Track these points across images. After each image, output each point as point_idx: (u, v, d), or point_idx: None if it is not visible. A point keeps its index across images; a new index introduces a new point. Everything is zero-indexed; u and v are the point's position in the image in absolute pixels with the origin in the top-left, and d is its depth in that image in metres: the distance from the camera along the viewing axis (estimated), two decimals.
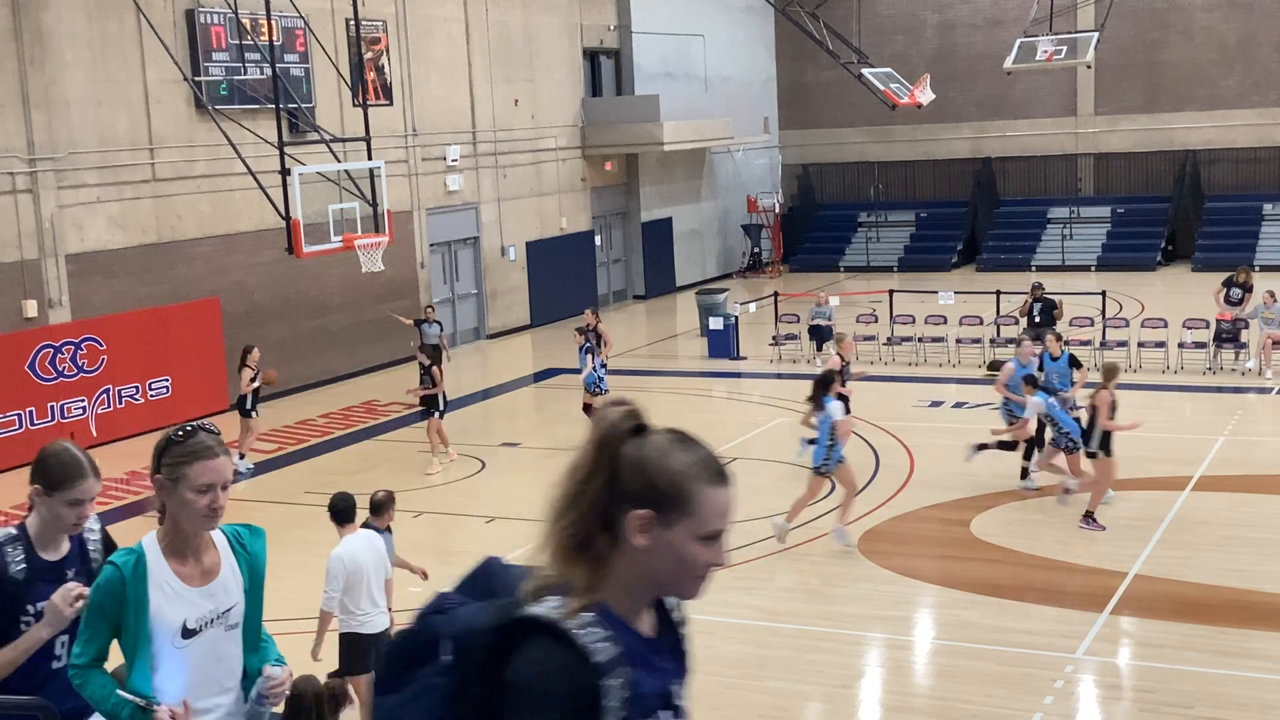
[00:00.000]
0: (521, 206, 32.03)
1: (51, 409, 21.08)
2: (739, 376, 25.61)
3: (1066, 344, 18.49)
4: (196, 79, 23.03)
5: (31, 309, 21.05)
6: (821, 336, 25.85)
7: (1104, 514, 15.82)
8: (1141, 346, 23.87)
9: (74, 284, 21.69)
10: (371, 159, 22.25)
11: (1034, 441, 16.70)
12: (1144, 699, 10.84)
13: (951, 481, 17.29)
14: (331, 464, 19.94)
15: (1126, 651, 12.02)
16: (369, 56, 26.97)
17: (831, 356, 23.07)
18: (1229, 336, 23.60)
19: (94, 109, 21.95)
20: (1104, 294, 26.95)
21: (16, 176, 20.84)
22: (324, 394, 25.33)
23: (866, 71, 32.01)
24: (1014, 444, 16.82)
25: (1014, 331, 25.21)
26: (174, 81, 22.73)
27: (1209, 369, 23.35)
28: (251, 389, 19.52)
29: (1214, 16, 38.50)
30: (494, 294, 31.36)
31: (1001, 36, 38.17)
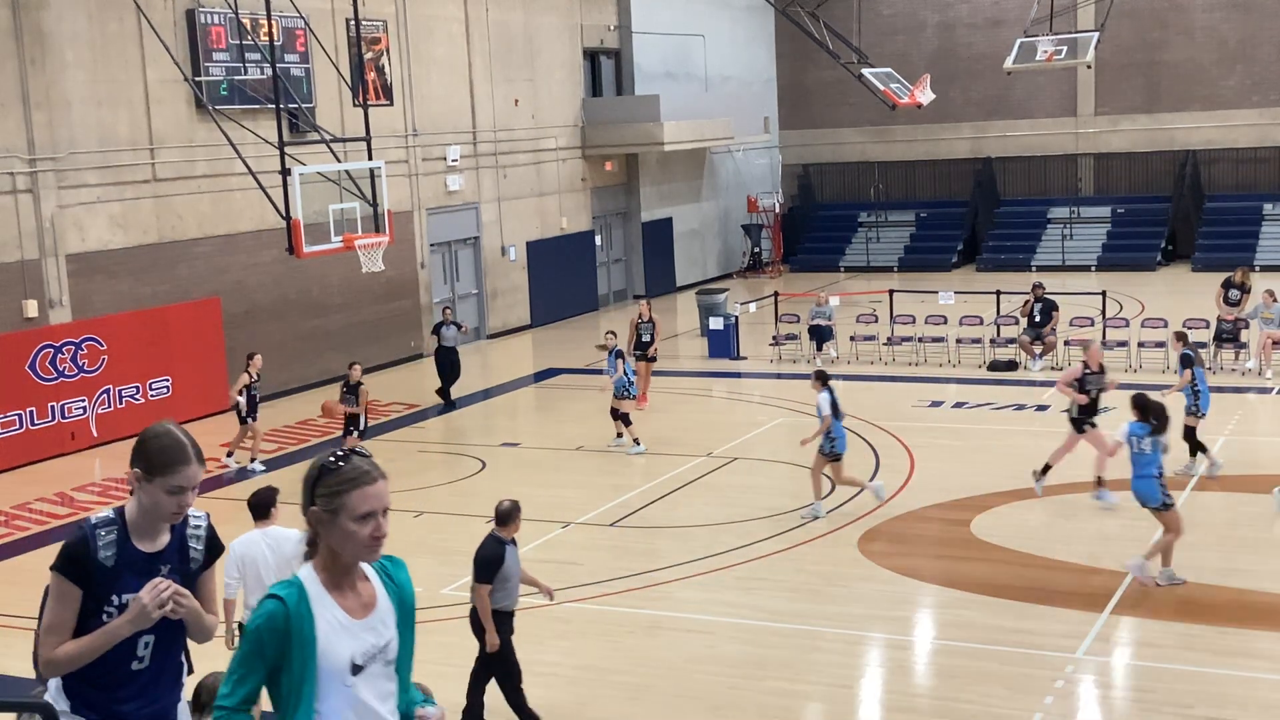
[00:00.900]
0: (522, 206, 32.03)
1: (52, 409, 21.09)
2: (739, 376, 25.61)
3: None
4: (197, 79, 23.03)
5: (32, 309, 21.06)
6: (821, 336, 25.86)
7: (1103, 515, 15.83)
8: (1141, 346, 23.87)
9: (74, 284, 21.70)
10: (372, 159, 22.26)
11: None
12: (1144, 699, 10.84)
13: (951, 482, 17.29)
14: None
15: (1127, 651, 12.02)
16: (369, 56, 26.97)
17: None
18: (1229, 336, 23.60)
19: (94, 109, 21.96)
20: (1104, 294, 26.95)
21: (17, 176, 20.84)
22: (324, 394, 25.27)
23: (867, 71, 32.01)
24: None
25: (1014, 332, 25.24)
26: (174, 81, 22.74)
27: (1209, 369, 23.31)
28: (243, 395, 19.44)
29: (1214, 16, 38.50)
30: (494, 294, 31.36)
31: (1002, 36, 38.19)
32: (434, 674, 11.47)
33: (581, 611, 13.34)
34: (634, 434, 19.65)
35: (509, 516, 10.62)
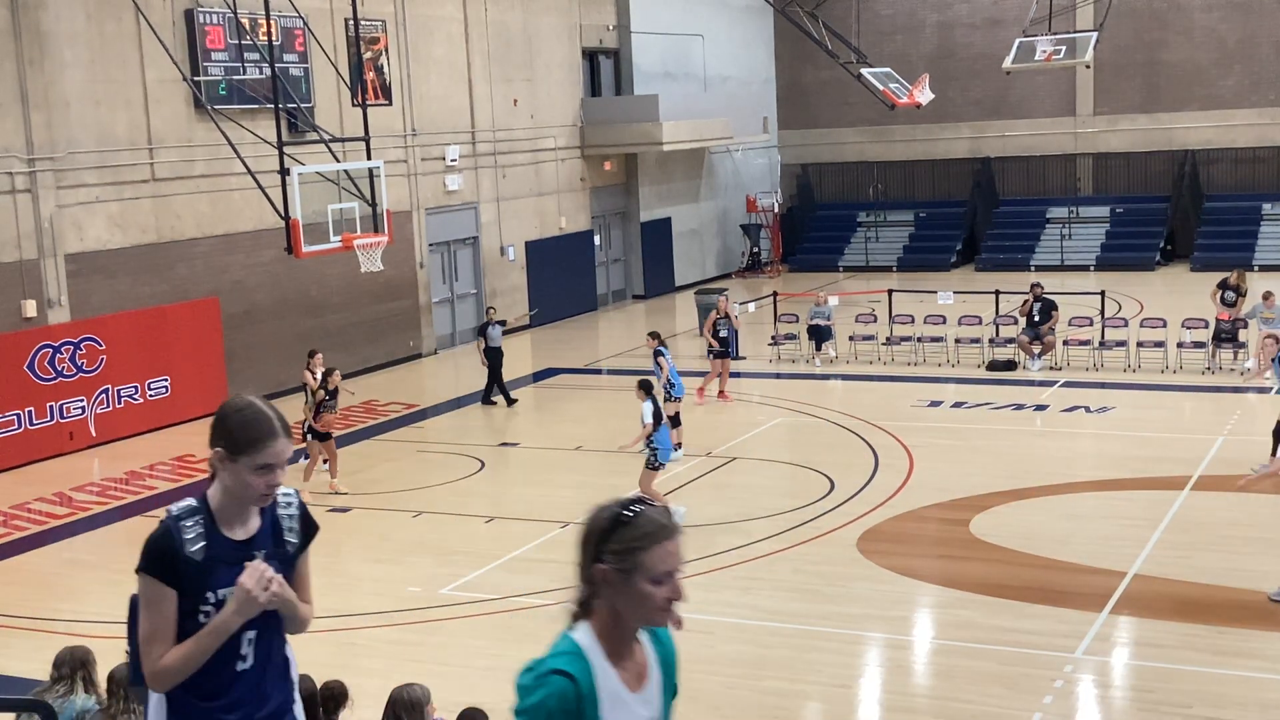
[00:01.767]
0: (521, 206, 32.03)
1: (50, 409, 21.08)
2: (738, 376, 25.60)
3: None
4: (195, 79, 23.02)
5: (30, 309, 21.05)
6: (820, 336, 25.86)
7: (1102, 514, 15.84)
8: (1141, 346, 23.88)
9: (73, 284, 21.69)
10: (371, 159, 22.26)
11: None
12: (1143, 699, 10.84)
13: (950, 481, 17.30)
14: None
15: (1126, 651, 12.02)
16: (368, 56, 26.96)
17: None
18: (1228, 336, 23.62)
19: (93, 109, 21.95)
20: (1103, 294, 26.95)
21: (15, 176, 20.83)
22: None
23: (865, 71, 32.01)
24: None
25: (1013, 331, 25.25)
26: (173, 81, 22.73)
27: (1208, 369, 23.36)
28: (319, 400, 18.48)
29: (1213, 16, 38.51)
30: (493, 294, 31.34)
31: (1000, 36, 38.20)
32: (433, 673, 11.49)
33: None
34: (678, 437, 18.90)
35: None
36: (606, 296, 35.76)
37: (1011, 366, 24.37)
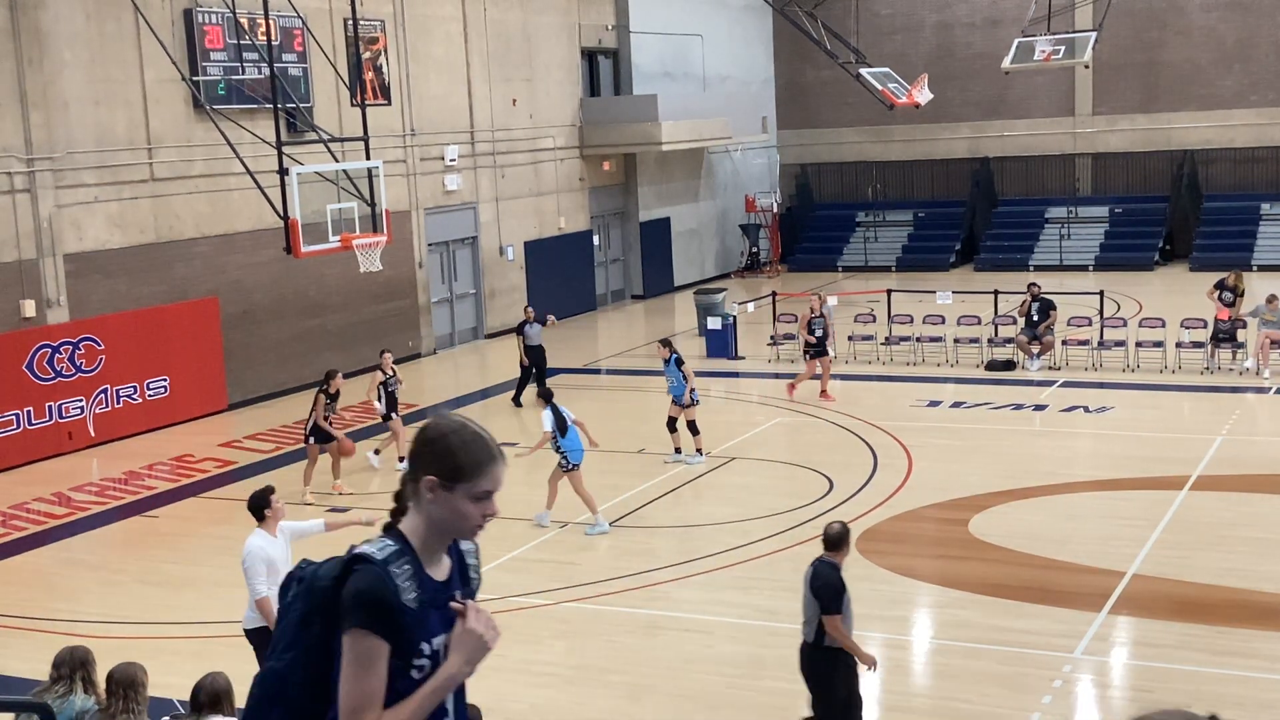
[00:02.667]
0: (520, 206, 32.03)
1: (49, 409, 21.07)
2: (737, 376, 25.61)
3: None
4: (194, 79, 23.02)
5: (29, 309, 21.04)
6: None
7: (1101, 514, 15.84)
8: (1139, 346, 23.88)
9: (72, 284, 21.69)
10: (370, 159, 22.25)
11: None
12: (1142, 698, 10.84)
13: (949, 481, 17.30)
14: (330, 464, 19.91)
15: (1124, 651, 12.03)
16: (367, 56, 26.96)
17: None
18: (1226, 336, 23.63)
19: (92, 108, 21.94)
20: (1102, 294, 26.95)
21: (14, 176, 20.83)
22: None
23: (864, 71, 32.00)
24: None
25: (1012, 331, 25.26)
26: (172, 81, 22.73)
27: (1207, 369, 23.37)
28: (380, 397, 19.41)
29: (1212, 16, 38.52)
30: (492, 294, 31.36)
31: (999, 36, 38.20)
32: None
33: (580, 611, 13.34)
34: (699, 444, 18.96)
35: (841, 540, 9.79)
36: (605, 296, 35.76)
37: (1010, 366, 24.38)
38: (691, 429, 19.04)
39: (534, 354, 23.40)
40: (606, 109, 34.38)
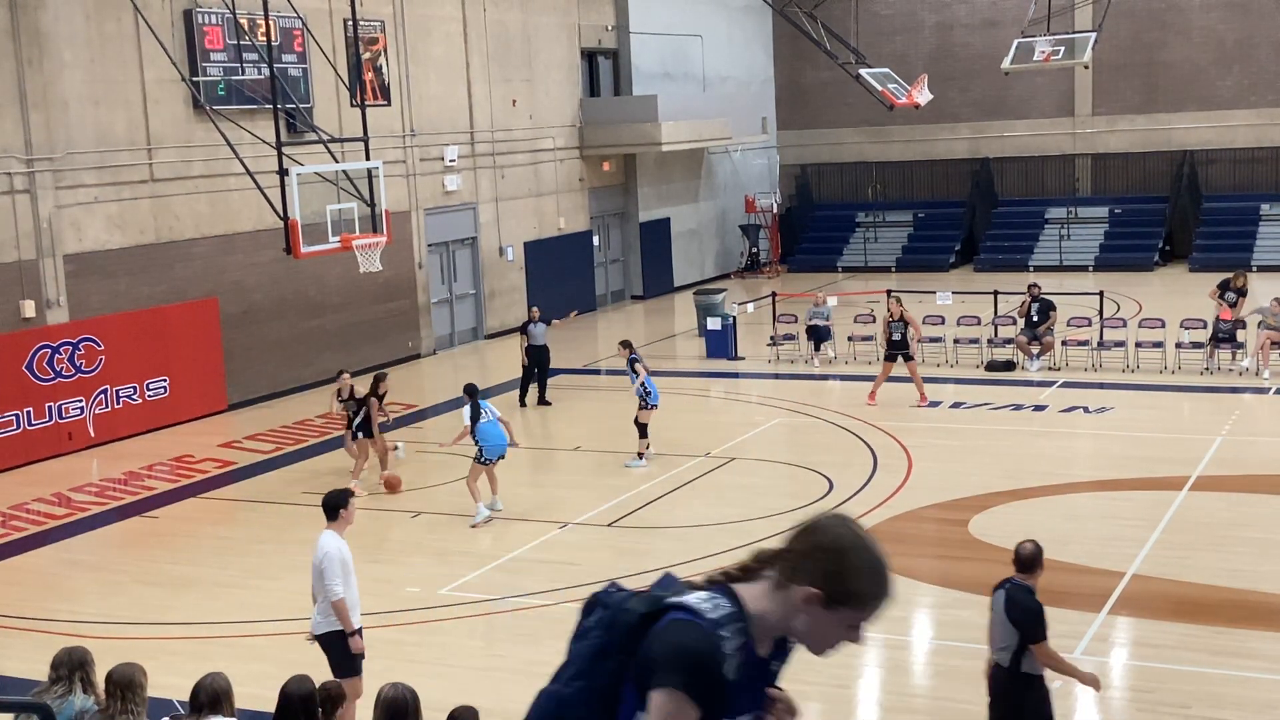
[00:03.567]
0: (519, 207, 32.03)
1: (49, 409, 21.07)
2: (737, 377, 25.61)
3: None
4: (194, 79, 23.02)
5: (29, 309, 21.04)
6: (819, 337, 25.85)
7: (1101, 515, 15.84)
8: (1139, 347, 23.88)
9: (72, 284, 21.69)
10: (369, 159, 22.24)
11: None
12: (1141, 699, 10.84)
13: (949, 482, 17.30)
14: (330, 464, 19.94)
15: (1124, 651, 12.03)
16: (367, 57, 26.96)
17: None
18: (1226, 336, 23.62)
19: (92, 109, 21.94)
20: (1101, 294, 26.95)
21: (14, 177, 20.83)
22: (322, 394, 25.27)
23: (864, 72, 32.01)
24: None
25: (1011, 332, 25.26)
26: (172, 81, 22.73)
27: (1206, 369, 23.37)
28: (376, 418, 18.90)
29: (1212, 17, 38.52)
30: (492, 294, 31.36)
31: (999, 37, 38.19)
32: (432, 674, 11.50)
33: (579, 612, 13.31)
34: (641, 447, 18.94)
35: (1036, 560, 9.13)
36: (605, 297, 35.76)
37: (1010, 367, 24.38)
38: (640, 430, 18.96)
39: (537, 354, 23.39)
40: (606, 109, 34.38)
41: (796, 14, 33.20)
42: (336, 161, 22.25)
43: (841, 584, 3.18)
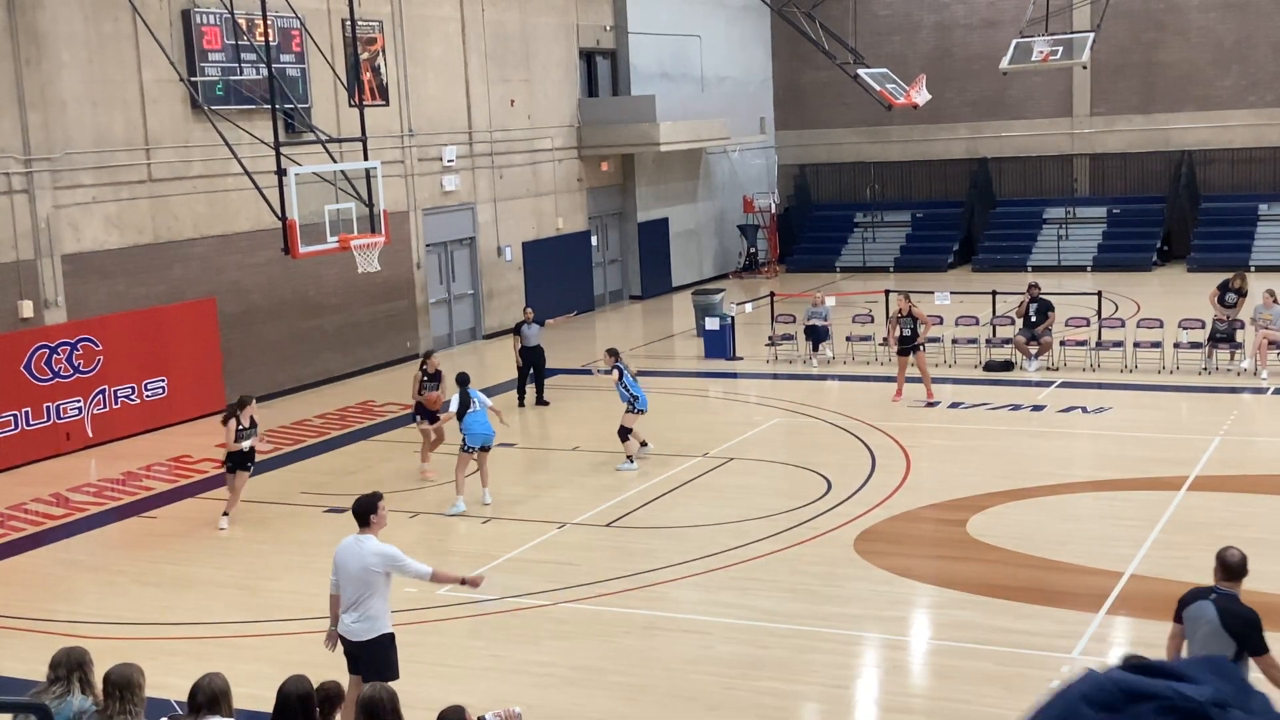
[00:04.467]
0: (518, 207, 32.03)
1: (47, 409, 21.06)
2: (735, 377, 25.61)
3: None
4: (192, 79, 23.01)
5: (27, 309, 21.04)
6: (817, 337, 25.86)
7: (1099, 515, 15.85)
8: (1137, 346, 23.89)
9: (70, 284, 21.68)
10: (368, 159, 22.22)
11: None
12: None
13: (947, 482, 17.30)
14: (328, 465, 19.94)
15: (1122, 651, 12.01)
16: (365, 57, 26.95)
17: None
18: (1224, 337, 23.63)
19: (90, 109, 21.94)
20: (1100, 294, 26.97)
21: (12, 177, 20.82)
22: (320, 394, 25.33)
23: (862, 72, 32.01)
24: None
25: (1010, 332, 25.27)
26: (170, 82, 22.72)
27: (1205, 369, 23.38)
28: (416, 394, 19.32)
29: (1210, 17, 38.53)
30: (490, 294, 31.35)
31: (997, 37, 38.21)
32: (431, 674, 11.50)
33: (578, 612, 13.34)
34: (629, 450, 18.94)
35: (1244, 568, 8.79)
36: (604, 297, 35.77)
37: (1008, 367, 24.38)
38: (621, 435, 19.02)
39: (531, 355, 23.38)
40: (604, 110, 34.39)
41: (795, 14, 33.20)
42: (335, 161, 22.23)
43: None
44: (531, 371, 23.48)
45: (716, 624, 12.82)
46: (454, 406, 17.19)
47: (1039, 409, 21.47)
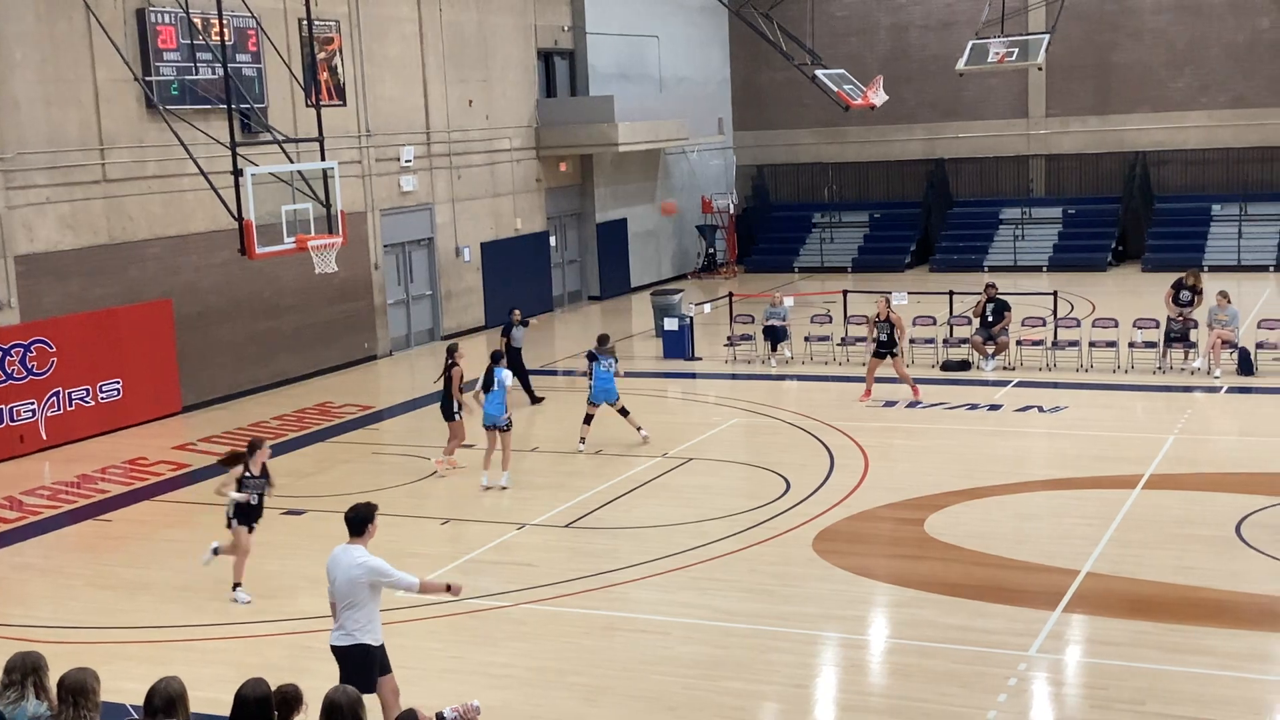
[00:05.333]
0: (476, 207, 31.95)
1: (0, 412, 20.85)
2: (694, 377, 25.65)
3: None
4: (147, 79, 22.84)
5: None
6: (776, 337, 25.93)
7: (1055, 513, 15.96)
8: (1093, 346, 24.08)
9: (23, 285, 21.47)
10: (325, 159, 22.10)
11: None
12: (1096, 696, 10.92)
13: (905, 481, 17.38)
14: (286, 466, 19.80)
15: (1079, 649, 12.11)
16: (322, 56, 26.83)
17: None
18: (1178, 336, 23.84)
19: (44, 108, 21.73)
20: (1055, 294, 27.17)
21: None
22: (277, 395, 25.19)
23: (820, 73, 32.12)
24: None
25: (967, 332, 25.41)
26: (125, 81, 22.54)
27: (1159, 368, 23.58)
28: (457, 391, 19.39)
29: (1163, 19, 38.89)
30: (449, 295, 31.26)
31: (953, 38, 38.42)
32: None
33: (536, 613, 13.32)
34: (583, 433, 20.02)
35: None
36: (562, 298, 35.75)
37: (966, 367, 24.52)
38: (586, 419, 20.19)
39: (517, 357, 23.29)
40: (563, 110, 34.36)
41: (752, 15, 33.28)
42: (291, 162, 22.11)
43: None
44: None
45: (676, 624, 12.83)
46: (480, 384, 18.37)
47: (996, 408, 21.60)
